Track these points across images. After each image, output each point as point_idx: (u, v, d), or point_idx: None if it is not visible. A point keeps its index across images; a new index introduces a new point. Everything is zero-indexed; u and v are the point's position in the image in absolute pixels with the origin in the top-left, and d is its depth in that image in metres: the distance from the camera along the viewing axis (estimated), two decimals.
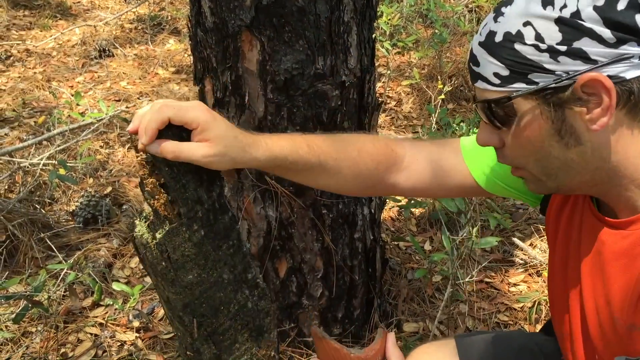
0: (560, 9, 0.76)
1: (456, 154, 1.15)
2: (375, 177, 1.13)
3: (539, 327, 2.13)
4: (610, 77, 0.75)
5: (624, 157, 0.83)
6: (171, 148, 0.85)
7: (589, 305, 0.94)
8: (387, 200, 2.38)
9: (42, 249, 2.46)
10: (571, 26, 0.75)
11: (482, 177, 1.13)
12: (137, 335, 2.10)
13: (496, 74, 0.82)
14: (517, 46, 0.79)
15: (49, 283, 2.16)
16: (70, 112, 3.48)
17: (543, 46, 0.77)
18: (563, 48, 0.76)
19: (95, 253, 2.50)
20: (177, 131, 0.86)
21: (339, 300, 1.90)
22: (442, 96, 3.08)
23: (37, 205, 2.71)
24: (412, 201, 2.42)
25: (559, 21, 0.76)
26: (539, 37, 0.77)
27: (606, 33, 0.74)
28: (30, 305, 1.82)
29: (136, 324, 2.14)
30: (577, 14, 0.75)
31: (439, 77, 3.81)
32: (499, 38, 0.81)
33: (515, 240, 2.53)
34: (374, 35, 1.73)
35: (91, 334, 2.10)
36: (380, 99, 1.91)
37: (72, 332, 2.11)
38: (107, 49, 4.56)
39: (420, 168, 1.15)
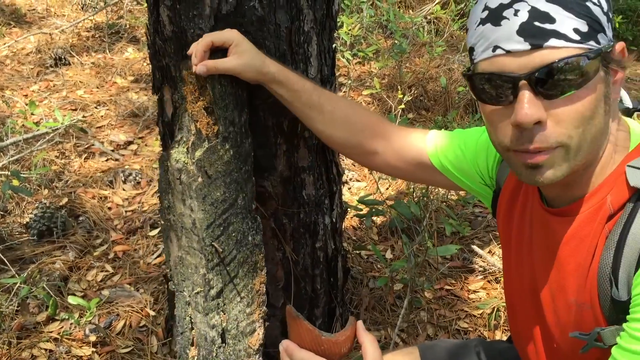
0: None
1: (422, 134, 1.28)
2: (361, 135, 1.31)
3: (497, 332, 2.16)
4: None
5: (609, 133, 0.88)
6: (212, 63, 1.17)
7: (544, 295, 0.98)
8: (348, 209, 2.38)
9: None
10: None
11: (436, 159, 1.22)
12: (94, 350, 2.05)
13: (576, 30, 0.79)
14: (589, 4, 0.80)
15: (1, 298, 2.09)
16: (25, 121, 3.39)
17: (604, 8, 0.81)
18: (610, 15, 0.82)
19: (50, 266, 2.43)
20: (219, 55, 1.18)
21: (300, 310, 1.89)
22: (402, 106, 3.11)
23: None
24: (373, 209, 2.43)
25: None
26: (599, 0, 0.82)
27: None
28: None
29: (93, 338, 2.09)
30: None
31: (399, 86, 3.86)
32: None
33: (474, 247, 2.56)
34: (334, 45, 1.74)
35: (46, 350, 2.04)
36: None
37: (26, 348, 2.04)
38: (63, 57, 4.46)
39: (395, 142, 1.29)
